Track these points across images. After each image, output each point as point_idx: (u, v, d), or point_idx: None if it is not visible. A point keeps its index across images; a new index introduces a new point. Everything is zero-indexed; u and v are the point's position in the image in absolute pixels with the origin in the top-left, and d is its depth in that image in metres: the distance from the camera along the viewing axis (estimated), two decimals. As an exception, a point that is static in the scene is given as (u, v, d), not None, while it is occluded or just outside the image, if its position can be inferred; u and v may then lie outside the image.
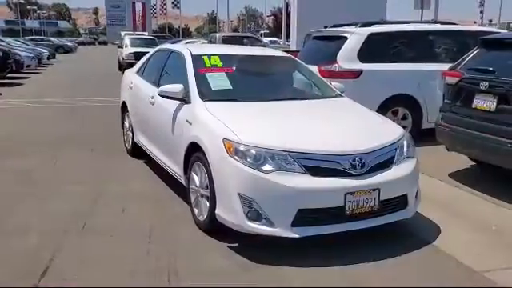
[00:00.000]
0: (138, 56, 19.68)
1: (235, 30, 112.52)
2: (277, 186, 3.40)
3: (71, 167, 5.97)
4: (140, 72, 6.20)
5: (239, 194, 3.48)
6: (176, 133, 4.49)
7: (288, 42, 20.63)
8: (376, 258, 3.58)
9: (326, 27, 12.09)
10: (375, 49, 7.15)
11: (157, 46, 21.30)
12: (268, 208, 3.43)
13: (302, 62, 5.41)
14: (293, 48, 14.79)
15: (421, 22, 10.03)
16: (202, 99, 4.32)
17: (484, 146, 4.95)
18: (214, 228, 3.87)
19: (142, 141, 5.77)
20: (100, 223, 4.19)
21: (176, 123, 4.49)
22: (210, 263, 3.50)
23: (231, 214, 3.55)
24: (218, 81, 4.62)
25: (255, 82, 4.97)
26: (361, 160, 3.60)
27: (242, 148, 3.55)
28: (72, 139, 7.54)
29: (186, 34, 67.34)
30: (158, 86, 5.25)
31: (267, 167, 3.46)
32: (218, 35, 19.29)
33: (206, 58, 4.90)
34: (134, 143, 6.20)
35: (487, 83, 4.92)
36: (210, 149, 3.76)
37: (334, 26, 8.33)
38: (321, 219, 3.51)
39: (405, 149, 3.96)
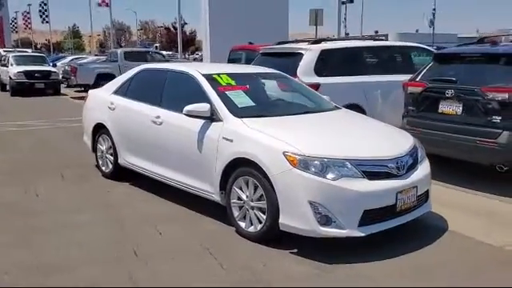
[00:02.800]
0: (28, 75, 18.45)
1: (101, 45, 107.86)
2: (345, 192, 3.77)
3: (57, 196, 5.60)
4: (121, 92, 6.06)
5: (310, 201, 3.77)
6: (206, 151, 4.58)
7: (187, 56, 20.71)
8: (416, 249, 4.10)
9: (250, 43, 12.73)
10: (327, 64, 7.82)
11: (47, 63, 20.36)
12: (337, 212, 3.78)
13: (293, 78, 5.82)
14: (206, 61, 15.08)
15: (361, 38, 11.05)
16: (235, 116, 4.50)
17: (453, 144, 5.82)
18: (270, 238, 4.10)
19: (136, 162, 5.66)
20: (148, 248, 4.12)
21: (205, 141, 4.59)
22: (289, 269, 3.73)
23: (302, 221, 3.82)
24: (240, 98, 4.82)
25: (268, 98, 5.26)
26: (401, 162, 4.13)
27: (305, 159, 3.84)
28: (29, 167, 6.99)
29: (55, 49, 63.22)
30: (160, 106, 5.29)
31: (331, 175, 3.81)
32: (119, 51, 18.70)
33: (216, 76, 5.06)
34: (117, 165, 6.04)
35: (452, 91, 5.81)
36: (268, 163, 3.98)
37: (281, 43, 8.88)
38: (379, 217, 3.95)
39: (420, 151, 4.59)
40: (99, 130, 6.36)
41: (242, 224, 4.31)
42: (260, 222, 4.15)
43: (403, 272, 3.70)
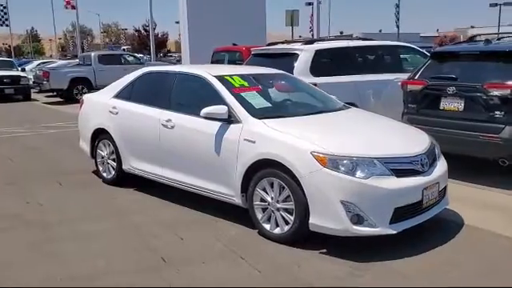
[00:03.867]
0: (-4, 80, 17.75)
1: (63, 48, 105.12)
2: (376, 190, 3.79)
3: (62, 205, 5.39)
4: (124, 96, 5.89)
5: (342, 201, 3.77)
6: (225, 153, 4.51)
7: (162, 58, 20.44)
8: (440, 243, 4.14)
9: (234, 44, 12.67)
10: (322, 63, 7.87)
11: (15, 67, 19.68)
12: (369, 211, 3.79)
13: (299, 78, 5.82)
14: (186, 63, 14.93)
15: (351, 38, 11.18)
16: (255, 118, 4.46)
17: (456, 140, 5.94)
18: (297, 239, 4.08)
19: (144, 167, 5.53)
20: (174, 254, 4.02)
21: (224, 143, 4.52)
22: (324, 269, 3.72)
23: (334, 220, 3.82)
24: (256, 99, 4.78)
25: (281, 99, 5.22)
26: (424, 159, 4.19)
27: (334, 159, 3.85)
28: (21, 175, 6.73)
29: (16, 53, 61.18)
30: (170, 109, 5.20)
31: (361, 174, 3.82)
32: (92, 54, 18.24)
33: (229, 78, 5.01)
34: (120, 171, 5.89)
35: (454, 88, 5.94)
36: (296, 163, 3.95)
37: (271, 44, 8.89)
38: (407, 214, 3.98)
39: (436, 147, 4.66)
40: (99, 135, 6.19)
41: (267, 226, 4.28)
42: (287, 224, 4.12)
43: (437, 267, 3.75)
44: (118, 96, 5.98)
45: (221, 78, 4.96)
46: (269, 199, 4.23)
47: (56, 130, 11.17)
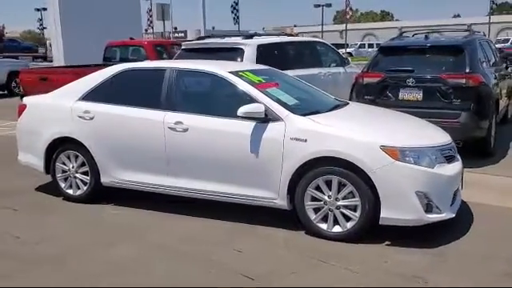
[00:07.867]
0: None
1: None
2: (442, 177, 3.99)
3: (44, 234, 4.42)
4: (99, 98, 5.01)
5: (417, 191, 3.87)
6: (266, 154, 4.22)
7: None
8: (470, 220, 4.52)
9: (131, 38, 11.78)
10: (264, 58, 7.79)
11: None
12: (437, 198, 3.95)
13: (286, 73, 5.71)
14: (59, 63, 13.31)
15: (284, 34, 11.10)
16: (297, 115, 4.27)
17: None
18: (362, 235, 4.06)
19: (137, 178, 4.84)
20: (250, 269, 3.66)
21: (264, 144, 4.22)
22: (411, 260, 3.77)
23: (409, 212, 3.89)
24: (282, 96, 4.56)
25: (296, 94, 4.99)
26: (454, 146, 4.53)
27: (404, 151, 3.93)
28: None
29: None
30: (177, 110, 4.67)
31: (427, 163, 3.98)
32: None
33: (243, 74, 4.69)
34: (97, 185, 5.07)
35: (413, 79, 6.48)
36: (365, 159, 3.92)
37: (201, 38, 8.49)
38: (455, 197, 4.25)
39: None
40: (59, 146, 5.21)
41: (323, 226, 4.15)
42: (347, 221, 4.07)
43: (491, 241, 4.10)
44: (89, 98, 5.10)
45: (237, 74, 4.62)
46: (325, 198, 4.11)
47: None
